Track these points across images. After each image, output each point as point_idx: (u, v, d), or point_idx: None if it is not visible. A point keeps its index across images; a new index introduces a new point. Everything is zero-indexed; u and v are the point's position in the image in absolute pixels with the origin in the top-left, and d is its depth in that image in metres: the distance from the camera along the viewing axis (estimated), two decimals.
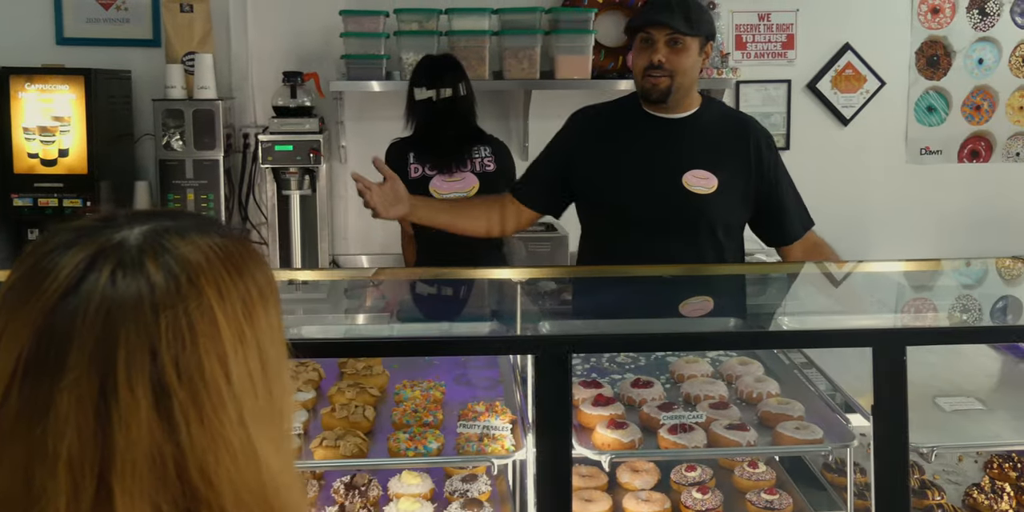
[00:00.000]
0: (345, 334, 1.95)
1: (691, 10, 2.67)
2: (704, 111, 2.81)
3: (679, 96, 2.72)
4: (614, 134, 2.81)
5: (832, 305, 2.37)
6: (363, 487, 2.25)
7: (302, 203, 4.40)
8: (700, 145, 2.75)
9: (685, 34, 2.64)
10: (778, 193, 2.81)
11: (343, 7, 4.42)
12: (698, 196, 2.68)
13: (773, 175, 2.78)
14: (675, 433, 2.01)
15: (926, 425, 2.13)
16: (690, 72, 2.69)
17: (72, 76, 3.97)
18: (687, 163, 2.70)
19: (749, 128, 2.81)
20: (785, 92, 4.80)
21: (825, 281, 2.59)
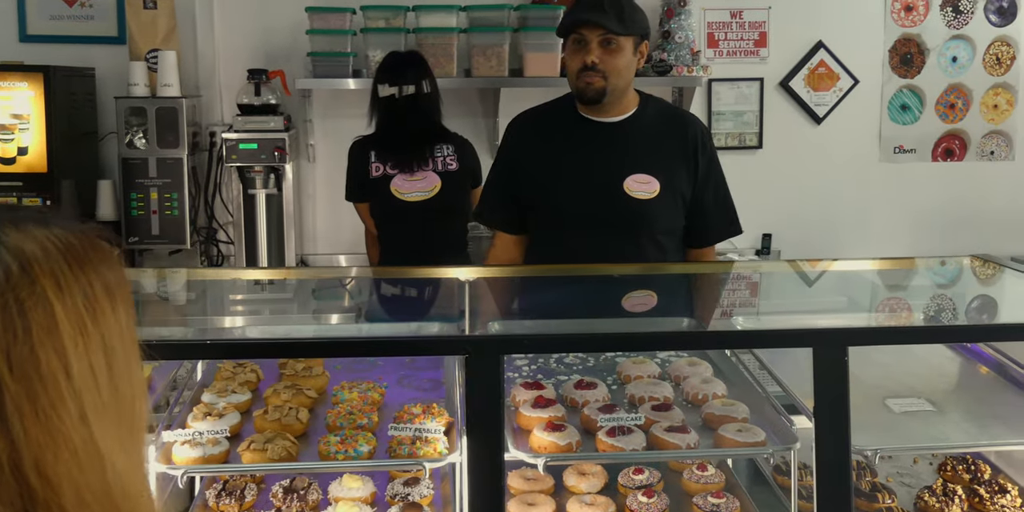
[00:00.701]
0: (271, 334, 1.90)
1: (624, 9, 2.62)
2: (642, 112, 2.76)
3: (614, 97, 2.67)
4: (552, 139, 2.76)
5: (778, 305, 2.33)
6: (302, 491, 2.21)
7: (269, 202, 4.36)
8: (639, 149, 2.70)
9: (618, 34, 2.60)
10: (702, 194, 2.75)
11: (310, 4, 4.37)
12: (639, 201, 2.64)
13: (705, 176, 2.73)
14: (613, 435, 1.96)
15: (874, 427, 2.09)
16: (625, 73, 2.65)
17: (31, 73, 3.92)
18: (628, 168, 2.66)
19: (687, 127, 2.76)
20: (758, 90, 4.76)
21: (776, 280, 2.55)
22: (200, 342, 1.77)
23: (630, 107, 2.74)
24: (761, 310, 2.12)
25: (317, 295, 2.45)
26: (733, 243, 4.86)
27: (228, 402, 2.08)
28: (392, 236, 3.94)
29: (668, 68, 4.40)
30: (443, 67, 4.33)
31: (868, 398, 2.23)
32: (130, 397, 0.88)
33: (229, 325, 2.11)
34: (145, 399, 0.92)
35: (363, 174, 3.88)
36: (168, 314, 2.23)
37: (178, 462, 1.87)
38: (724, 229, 2.80)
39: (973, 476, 2.31)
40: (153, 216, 4.21)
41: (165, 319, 2.18)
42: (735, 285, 2.48)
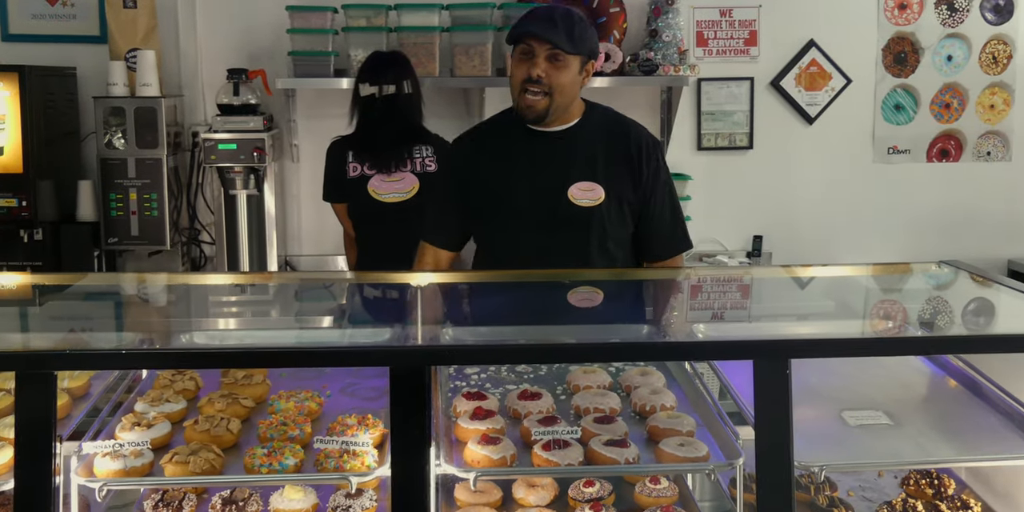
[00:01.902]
0: (186, 344, 1.84)
1: (575, 26, 2.57)
2: (586, 121, 2.70)
3: (556, 116, 2.63)
4: (498, 153, 2.71)
5: (728, 314, 2.26)
6: (241, 502, 2.15)
7: (250, 203, 4.31)
8: (583, 155, 2.65)
9: (567, 52, 2.54)
10: (649, 208, 2.68)
11: (292, 3, 4.32)
12: (584, 209, 2.58)
13: (648, 187, 2.66)
14: (549, 449, 1.90)
15: (825, 440, 2.02)
16: (568, 90, 2.59)
17: (6, 73, 3.89)
18: (572, 175, 2.61)
19: (631, 135, 2.70)
20: (748, 90, 4.67)
21: (734, 288, 2.48)
22: (115, 352, 1.71)
23: (574, 116, 2.69)
24: (707, 319, 2.05)
25: (255, 302, 2.39)
26: (723, 245, 4.80)
27: (160, 412, 2.03)
28: (369, 237, 3.89)
29: (654, 67, 4.32)
30: (426, 66, 4.27)
31: (824, 410, 2.16)
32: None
33: (143, 334, 2.06)
34: None
35: (340, 174, 3.83)
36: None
37: (99, 475, 1.83)
38: (671, 243, 2.73)
39: (936, 491, 2.24)
40: (132, 217, 4.18)
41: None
42: (687, 294, 2.41)
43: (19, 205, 3.95)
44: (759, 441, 1.76)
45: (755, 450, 1.77)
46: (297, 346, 1.88)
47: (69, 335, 2.14)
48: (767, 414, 1.77)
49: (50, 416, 1.70)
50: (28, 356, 1.69)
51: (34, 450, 1.69)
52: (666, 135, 4.66)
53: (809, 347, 1.77)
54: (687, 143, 4.72)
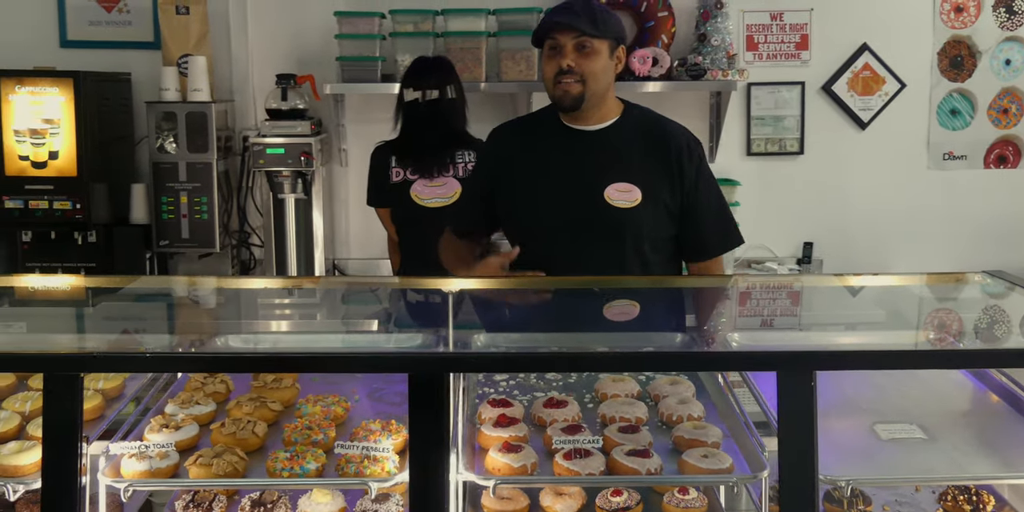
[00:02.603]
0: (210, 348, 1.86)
1: (596, 13, 2.55)
2: (624, 120, 2.68)
3: (593, 103, 2.60)
4: (533, 149, 2.70)
5: (759, 324, 2.22)
6: (270, 504, 2.18)
7: (298, 207, 4.36)
8: (620, 156, 2.62)
9: (593, 36, 2.53)
10: (695, 207, 2.65)
11: (341, 9, 4.37)
12: (621, 210, 2.55)
13: (692, 187, 2.63)
14: (570, 458, 1.88)
15: (856, 454, 1.98)
16: (602, 76, 2.57)
17: (61, 79, 3.98)
18: (608, 177, 2.58)
19: (671, 136, 2.66)
20: (799, 94, 4.61)
21: (773, 297, 2.44)
22: (139, 355, 1.74)
23: (611, 115, 2.67)
24: (736, 328, 2.01)
25: (290, 306, 2.41)
26: (773, 251, 4.74)
27: (188, 414, 2.05)
28: (412, 242, 3.90)
29: (702, 72, 4.28)
30: (472, 71, 4.28)
31: (857, 422, 2.12)
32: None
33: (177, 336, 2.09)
34: None
35: (383, 179, 3.86)
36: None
37: (125, 475, 1.86)
38: (721, 240, 2.69)
39: (974, 507, 2.18)
40: (183, 220, 4.25)
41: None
42: (721, 302, 2.37)
43: (73, 208, 4.04)
44: (782, 453, 1.73)
45: (779, 463, 1.74)
46: (314, 351, 1.89)
47: (103, 337, 2.18)
48: (791, 426, 1.74)
49: (76, 417, 1.73)
50: (55, 358, 1.73)
51: (61, 450, 1.72)
52: (715, 140, 4.61)
53: (834, 359, 1.73)
54: (736, 148, 4.67)
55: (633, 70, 4.31)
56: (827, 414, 2.17)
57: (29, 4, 4.49)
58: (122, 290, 2.61)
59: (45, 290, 2.66)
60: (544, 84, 2.63)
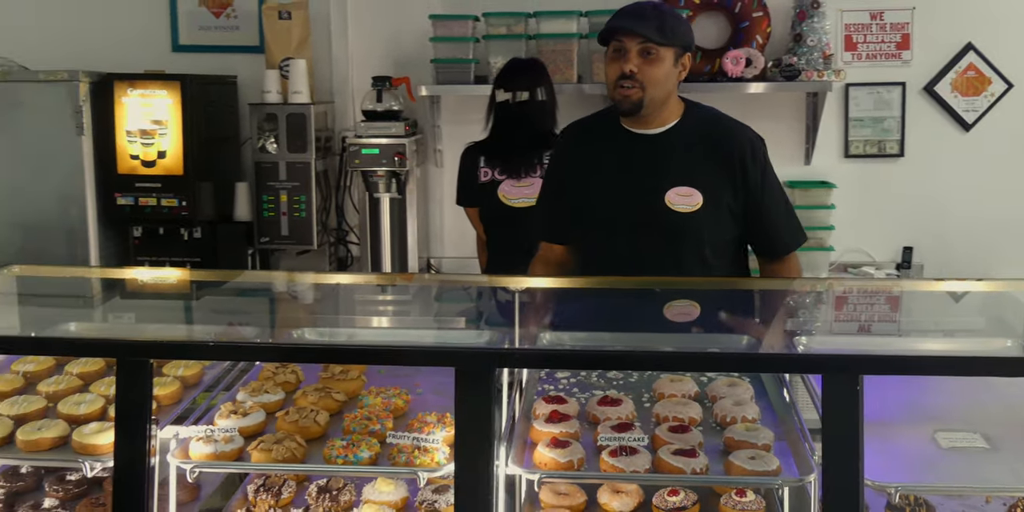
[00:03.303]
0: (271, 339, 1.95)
1: (665, 19, 2.55)
2: (685, 122, 2.67)
3: (652, 109, 2.60)
4: (596, 150, 2.71)
5: (812, 327, 2.20)
6: (335, 491, 2.26)
7: (392, 206, 4.46)
8: (680, 159, 2.61)
9: (659, 44, 2.52)
10: (761, 207, 2.62)
11: (437, 12, 4.46)
12: (681, 215, 2.55)
13: (758, 187, 2.60)
14: (616, 455, 1.91)
15: (914, 461, 1.95)
16: (663, 84, 2.57)
17: (170, 82, 4.17)
18: (669, 181, 2.57)
19: (733, 137, 2.64)
20: (899, 95, 4.50)
21: (836, 300, 2.41)
22: (202, 344, 1.84)
23: (672, 118, 2.66)
24: (786, 330, 2.00)
25: (365, 301, 2.50)
26: (871, 256, 4.64)
27: (256, 401, 2.15)
28: (499, 241, 3.97)
29: (796, 73, 4.22)
30: (563, 73, 4.32)
31: (918, 429, 2.08)
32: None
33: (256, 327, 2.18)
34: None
35: (472, 179, 3.93)
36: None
37: (192, 458, 1.96)
38: (790, 238, 2.66)
39: None
40: (283, 217, 4.40)
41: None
42: (781, 304, 2.35)
43: (179, 205, 4.23)
44: (825, 457, 1.72)
45: (822, 467, 1.73)
46: (362, 344, 1.96)
47: (187, 326, 2.30)
48: (835, 430, 1.72)
49: (146, 400, 1.84)
50: (127, 344, 1.84)
51: (131, 431, 1.83)
52: (811, 142, 4.54)
53: (881, 363, 1.71)
54: (833, 150, 4.59)
55: (726, 71, 4.28)
56: (889, 420, 2.15)
57: (144, 11, 4.72)
58: (220, 284, 2.74)
59: (151, 282, 2.82)
60: (606, 86, 2.65)
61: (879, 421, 2.15)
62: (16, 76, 4.17)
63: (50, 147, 4.13)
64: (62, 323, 2.10)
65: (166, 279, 2.85)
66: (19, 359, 2.34)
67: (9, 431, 2.05)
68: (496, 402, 1.77)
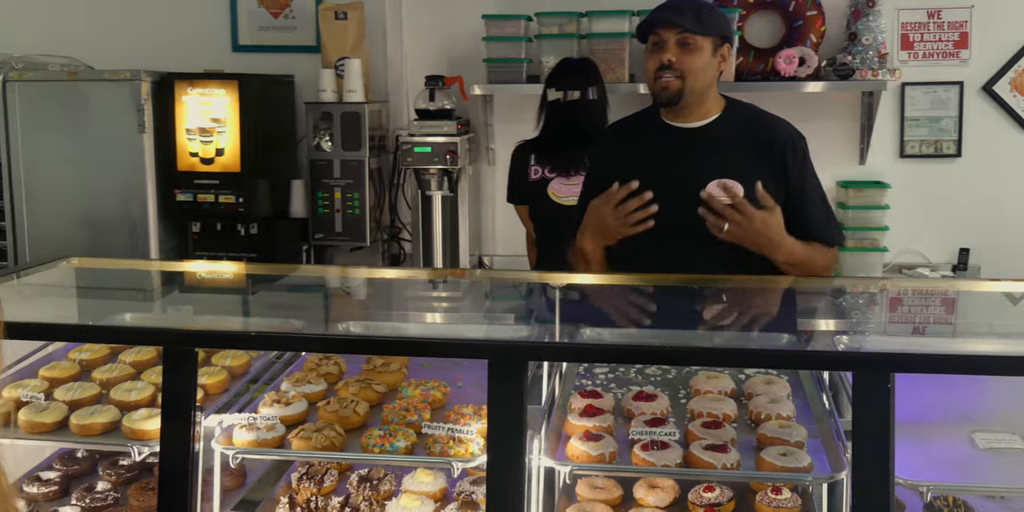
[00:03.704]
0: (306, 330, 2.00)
1: (702, 10, 2.57)
2: (726, 116, 2.68)
3: (692, 99, 2.61)
4: (635, 146, 2.74)
5: (840, 324, 2.19)
6: (376, 481, 2.32)
7: (444, 203, 4.52)
8: (721, 152, 2.62)
9: (696, 33, 2.54)
10: (799, 203, 2.62)
11: (491, 12, 4.51)
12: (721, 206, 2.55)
13: (796, 182, 2.60)
14: (647, 449, 1.93)
15: (946, 460, 1.94)
16: (702, 74, 2.58)
17: (228, 81, 4.26)
18: (710, 173, 2.58)
19: (775, 132, 2.64)
20: (957, 95, 4.43)
21: (859, 299, 2.40)
22: (244, 334, 1.90)
23: (713, 112, 2.68)
24: (821, 328, 2.00)
25: (410, 296, 2.55)
26: (926, 257, 4.58)
27: (299, 391, 2.21)
28: (548, 239, 4.00)
29: (851, 72, 4.19)
30: (615, 72, 4.34)
31: (956, 429, 2.07)
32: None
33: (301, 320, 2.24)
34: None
35: (523, 177, 3.97)
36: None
37: (236, 444, 2.02)
38: (825, 238, 2.65)
39: None
40: (337, 214, 4.48)
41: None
42: (816, 302, 2.35)
43: (236, 201, 4.33)
44: (855, 456, 1.73)
45: (851, 465, 1.73)
46: (397, 336, 2.00)
47: (230, 317, 2.36)
48: (865, 428, 1.73)
49: (191, 388, 1.90)
50: (173, 333, 1.90)
51: (176, 417, 1.90)
52: (865, 142, 4.50)
53: (911, 362, 1.71)
54: (889, 150, 4.54)
55: (778, 70, 4.26)
56: (928, 420, 2.14)
57: (206, 12, 4.84)
58: (270, 278, 2.82)
59: (205, 276, 2.90)
60: (646, 79, 2.67)
61: (917, 421, 2.14)
62: (83, 76, 4.30)
63: (114, 145, 4.26)
64: (115, 313, 2.17)
65: (217, 273, 2.94)
66: (76, 348, 2.44)
67: (64, 416, 2.13)
68: (527, 395, 1.79)
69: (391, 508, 2.20)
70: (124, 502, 2.28)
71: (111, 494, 2.29)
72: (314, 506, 2.23)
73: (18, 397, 2.17)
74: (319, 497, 2.26)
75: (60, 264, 2.58)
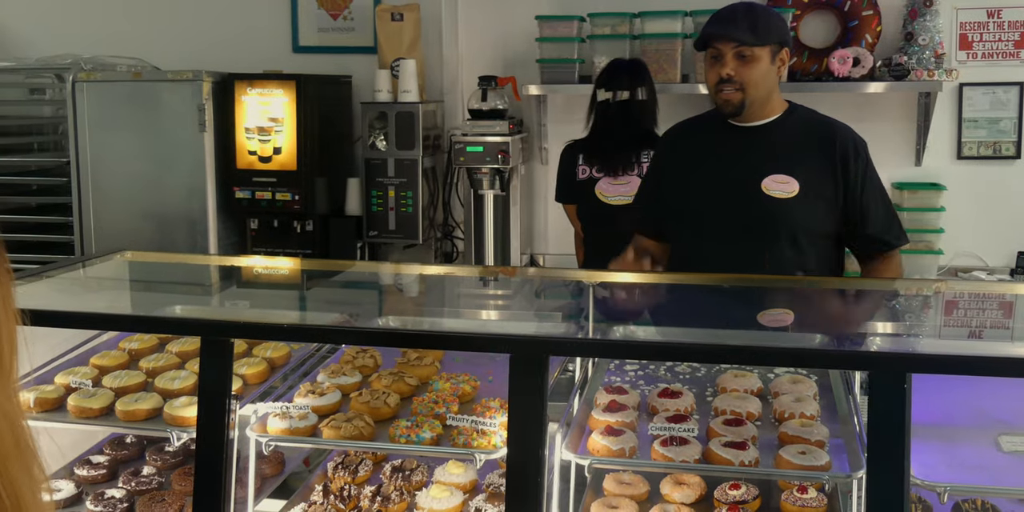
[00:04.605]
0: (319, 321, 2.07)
1: (758, 19, 2.59)
2: (788, 117, 2.72)
3: (756, 108, 2.67)
4: (697, 145, 2.79)
5: (869, 326, 2.19)
6: (408, 471, 2.38)
7: (496, 202, 4.57)
8: (780, 149, 2.67)
9: (752, 45, 2.55)
10: (862, 204, 2.64)
11: (545, 13, 4.55)
12: (777, 200, 2.59)
13: (858, 185, 2.61)
14: (666, 445, 1.96)
15: (967, 462, 1.94)
16: (762, 83, 2.62)
17: (285, 81, 4.37)
18: (767, 168, 2.63)
19: (836, 134, 2.67)
20: (1017, 96, 4.36)
21: (886, 300, 2.39)
22: (277, 326, 1.97)
23: (775, 112, 2.73)
24: (842, 331, 1.99)
25: (440, 292, 2.61)
26: (983, 260, 4.51)
27: (333, 383, 2.28)
28: (596, 238, 4.03)
29: (906, 72, 4.14)
30: (667, 73, 4.35)
31: (983, 432, 2.06)
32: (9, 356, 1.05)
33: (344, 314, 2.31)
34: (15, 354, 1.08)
35: (571, 176, 4.01)
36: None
37: (270, 432, 2.10)
38: (888, 239, 2.68)
39: None
40: (390, 212, 4.57)
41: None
42: (852, 303, 2.35)
43: (292, 199, 4.44)
44: (870, 456, 1.74)
45: (866, 466, 1.74)
46: (422, 330, 2.05)
47: (273, 310, 2.45)
48: (881, 428, 1.73)
49: (226, 376, 1.98)
50: (209, 323, 1.99)
51: (212, 404, 1.97)
52: (922, 143, 4.44)
53: (928, 362, 1.72)
54: (945, 152, 4.48)
55: (832, 71, 4.23)
56: (954, 422, 2.14)
57: (268, 14, 4.96)
58: (323, 273, 2.90)
59: (261, 270, 3.00)
60: (708, 90, 2.71)
61: (946, 423, 2.14)
62: (147, 76, 4.45)
63: (176, 143, 4.39)
64: (158, 304, 2.26)
65: (269, 268, 3.03)
66: (126, 337, 2.54)
67: (110, 402, 2.23)
68: (547, 389, 1.83)
69: (421, 498, 2.25)
70: (167, 486, 2.38)
71: (155, 478, 2.39)
72: (347, 494, 2.30)
73: (68, 383, 2.28)
74: (352, 486, 2.33)
75: (114, 258, 2.69)
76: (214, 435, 1.98)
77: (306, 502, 2.29)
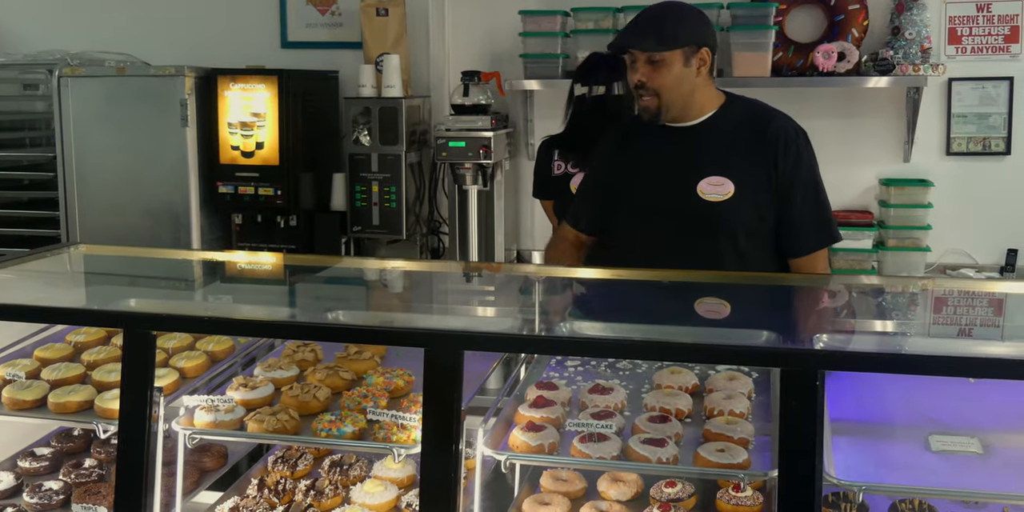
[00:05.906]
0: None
1: (665, 24, 2.56)
2: (722, 113, 2.66)
3: (674, 112, 2.63)
4: (633, 145, 2.76)
5: (802, 323, 2.15)
6: (347, 466, 2.37)
7: (481, 198, 4.56)
8: (714, 151, 2.61)
9: (659, 51, 2.53)
10: (788, 199, 2.59)
11: (532, 8, 4.53)
12: (712, 204, 2.55)
13: (786, 179, 2.57)
14: (585, 441, 1.93)
15: (892, 461, 1.90)
16: (677, 87, 2.58)
17: (267, 76, 4.38)
18: (701, 171, 2.58)
19: (768, 126, 2.60)
20: (1006, 91, 4.28)
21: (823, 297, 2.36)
22: (199, 318, 1.97)
23: (708, 109, 2.66)
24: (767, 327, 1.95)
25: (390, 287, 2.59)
26: (972, 257, 4.44)
27: (267, 376, 2.27)
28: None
29: (890, 67, 4.08)
30: None
31: (915, 431, 2.02)
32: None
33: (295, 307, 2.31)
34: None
35: (547, 172, 3.98)
36: None
37: (196, 425, 2.09)
38: (813, 238, 2.61)
39: None
40: (374, 208, 4.56)
41: None
42: (785, 299, 2.31)
43: (275, 194, 4.44)
44: (781, 454, 1.71)
45: (778, 464, 1.71)
46: (336, 324, 2.04)
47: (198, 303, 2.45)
48: (792, 426, 1.70)
49: (148, 369, 1.98)
50: (132, 316, 1.98)
51: (134, 397, 1.97)
52: (909, 139, 4.38)
53: (840, 359, 1.68)
54: (934, 147, 4.41)
55: (817, 65, 4.18)
56: (889, 421, 2.11)
57: (256, 10, 4.97)
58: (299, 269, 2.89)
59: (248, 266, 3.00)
60: None
61: (878, 422, 2.11)
62: (131, 71, 4.47)
63: (159, 138, 4.41)
64: (101, 297, 2.27)
65: (229, 263, 3.03)
66: (73, 330, 2.55)
67: (44, 394, 2.24)
68: (462, 384, 1.82)
69: (355, 492, 2.25)
70: (108, 478, 2.38)
71: (96, 470, 2.40)
72: (282, 488, 2.29)
73: (3, 376, 2.28)
74: (289, 480, 2.33)
75: (67, 251, 2.69)
76: (135, 427, 1.98)
77: (240, 495, 2.29)
